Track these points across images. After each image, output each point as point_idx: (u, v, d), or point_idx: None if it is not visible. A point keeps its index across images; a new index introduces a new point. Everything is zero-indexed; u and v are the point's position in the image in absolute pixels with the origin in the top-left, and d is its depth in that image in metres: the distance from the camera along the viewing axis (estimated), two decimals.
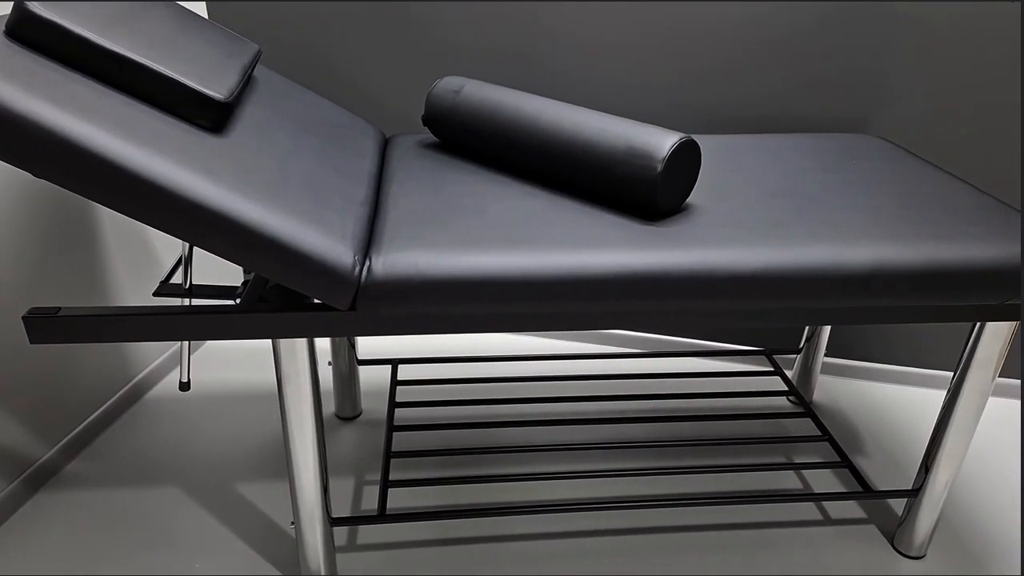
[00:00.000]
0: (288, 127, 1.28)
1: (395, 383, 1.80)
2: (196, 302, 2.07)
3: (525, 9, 1.83)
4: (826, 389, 2.06)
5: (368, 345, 2.19)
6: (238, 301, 1.12)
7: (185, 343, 1.45)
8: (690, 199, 1.31)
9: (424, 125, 1.60)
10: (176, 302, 1.96)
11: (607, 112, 1.86)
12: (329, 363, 2.07)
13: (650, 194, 1.18)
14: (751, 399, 1.99)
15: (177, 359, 2.05)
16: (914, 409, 1.98)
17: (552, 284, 1.09)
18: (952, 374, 2.00)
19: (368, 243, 1.14)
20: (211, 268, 2.17)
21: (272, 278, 1.04)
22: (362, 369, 2.07)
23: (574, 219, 1.21)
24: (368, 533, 1.53)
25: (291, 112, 1.34)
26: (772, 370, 1.93)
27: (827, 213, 1.26)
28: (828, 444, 1.80)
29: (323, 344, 2.15)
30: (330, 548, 1.35)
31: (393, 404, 1.72)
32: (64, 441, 1.67)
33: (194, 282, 2.10)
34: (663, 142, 1.17)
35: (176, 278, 1.88)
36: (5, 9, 1.45)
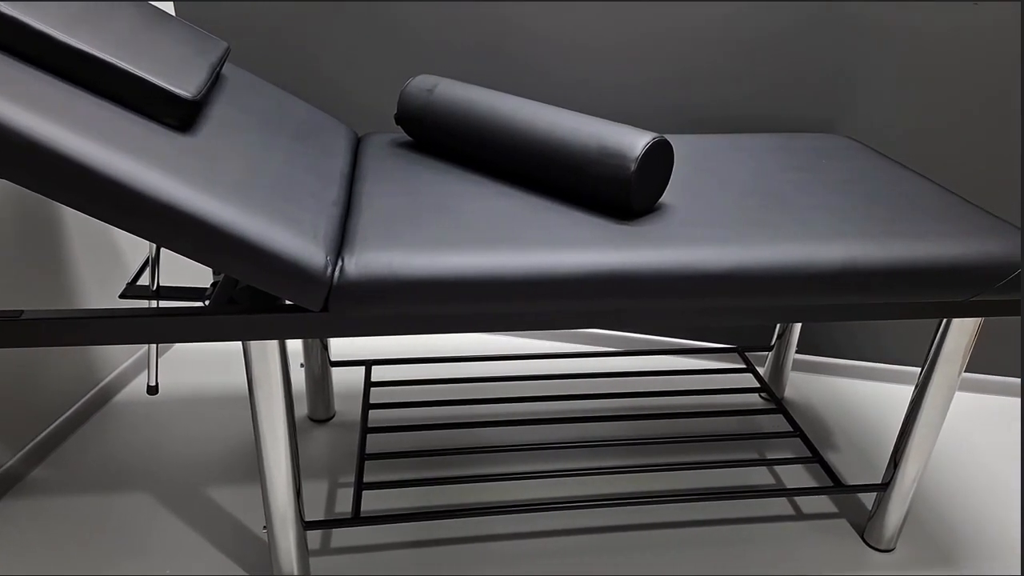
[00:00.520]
0: (258, 126, 1.26)
1: (369, 384, 1.78)
2: (164, 304, 2.04)
3: (498, 7, 1.83)
4: (797, 385, 2.08)
5: (341, 346, 2.17)
6: (207, 303, 1.10)
7: (153, 346, 1.42)
8: (663, 198, 1.32)
9: (397, 124, 1.59)
10: (143, 304, 1.92)
11: (581, 112, 1.86)
12: (301, 365, 2.05)
13: (623, 194, 1.18)
14: (724, 396, 2.00)
15: (145, 362, 2.02)
16: (883, 404, 2.01)
17: (526, 284, 1.09)
18: (920, 369, 2.04)
19: (340, 243, 1.13)
20: (179, 269, 2.14)
21: (242, 279, 1.02)
22: (335, 371, 2.05)
23: (548, 219, 1.21)
24: (342, 536, 1.52)
25: (261, 110, 1.33)
26: (744, 367, 1.95)
27: (798, 212, 1.28)
28: (799, 440, 1.82)
29: (295, 346, 2.13)
30: (303, 552, 1.34)
31: (367, 406, 1.71)
32: (28, 447, 1.63)
33: (162, 284, 2.07)
34: (636, 142, 1.17)
35: (143, 280, 1.85)
36: None
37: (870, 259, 1.17)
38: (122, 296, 1.33)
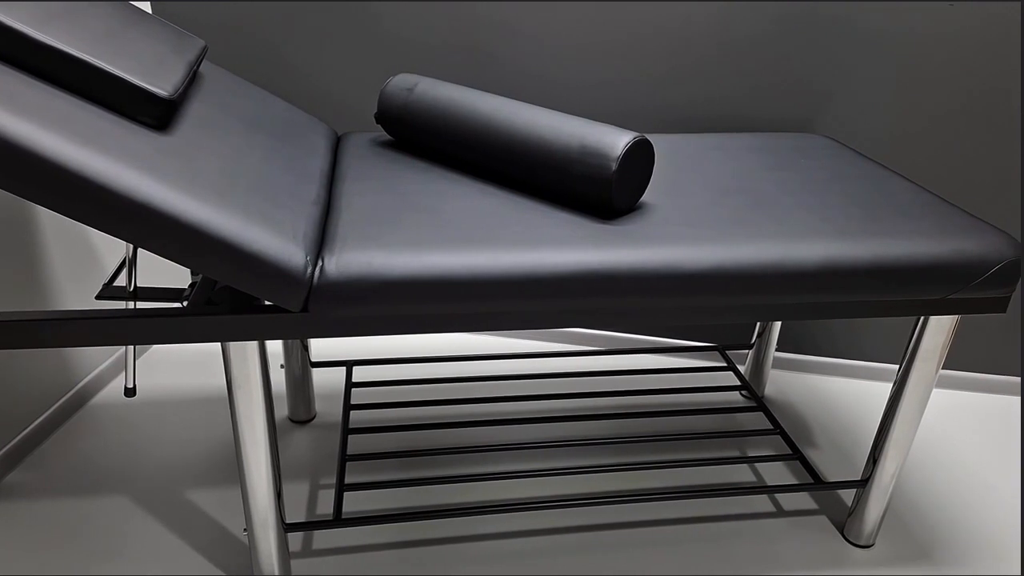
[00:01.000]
0: (236, 125, 1.25)
1: (350, 385, 1.77)
2: (141, 305, 2.02)
3: (479, 6, 1.83)
4: (777, 383, 2.09)
5: (322, 347, 2.16)
6: (185, 304, 1.09)
7: (130, 348, 1.41)
8: (644, 198, 1.32)
9: (377, 123, 1.58)
10: (120, 305, 1.90)
11: (562, 111, 1.86)
12: (281, 366, 2.03)
13: (605, 193, 1.18)
14: (705, 394, 2.01)
15: (122, 364, 2.00)
16: (862, 401, 2.03)
17: (507, 283, 1.09)
18: (898, 367, 2.06)
19: (320, 243, 1.12)
20: (156, 270, 2.11)
21: (220, 280, 1.01)
22: (316, 371, 2.04)
23: (529, 218, 1.20)
24: (324, 538, 1.51)
25: (239, 109, 1.31)
26: (725, 365, 1.96)
27: (777, 211, 1.29)
28: (780, 437, 1.84)
29: (275, 347, 2.12)
30: (284, 554, 1.33)
31: (348, 406, 1.70)
32: (4, 451, 1.60)
33: (139, 284, 2.05)
34: (617, 141, 1.17)
35: (120, 280, 1.83)
36: None
37: (848, 257, 1.18)
38: (98, 297, 1.32)
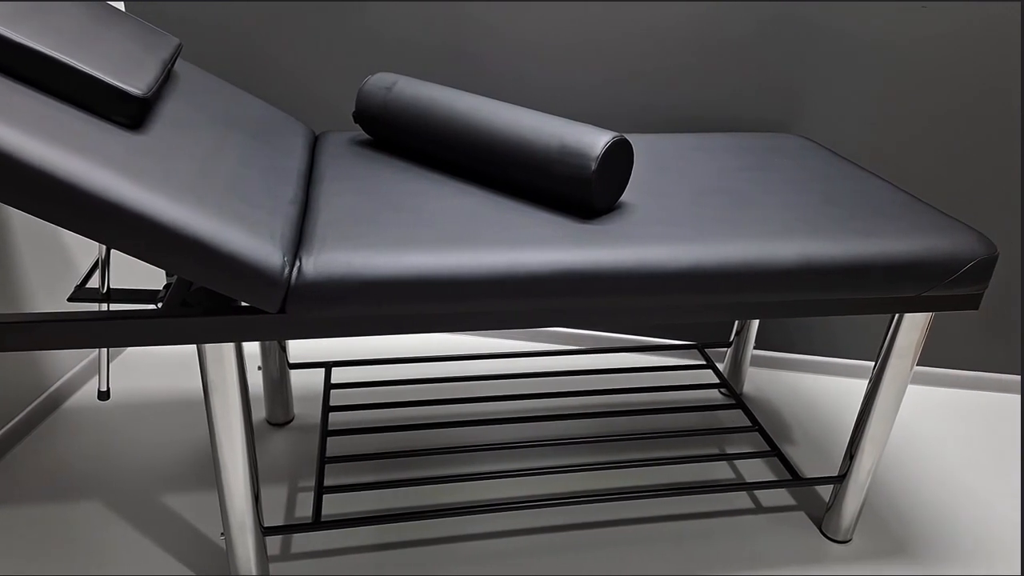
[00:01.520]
0: (211, 124, 1.23)
1: (329, 386, 1.76)
2: (115, 307, 2.00)
3: (458, 5, 1.82)
4: (755, 381, 2.11)
5: (300, 348, 2.14)
6: (160, 305, 1.08)
7: (103, 350, 1.39)
8: (623, 197, 1.32)
9: (355, 122, 1.57)
10: (93, 307, 1.87)
11: (542, 111, 1.86)
12: (259, 367, 2.01)
13: (585, 192, 1.19)
14: (685, 392, 2.02)
15: (95, 367, 1.97)
16: (838, 398, 2.05)
17: (487, 283, 1.08)
18: (873, 364, 2.08)
19: (298, 243, 1.11)
20: (130, 271, 2.08)
21: (196, 281, 1.00)
22: (294, 373, 2.02)
23: (509, 217, 1.20)
24: (303, 541, 1.50)
25: (214, 108, 1.30)
26: (704, 363, 1.97)
27: (755, 210, 1.29)
28: (758, 434, 1.85)
29: (252, 348, 2.10)
30: (262, 558, 1.32)
31: (327, 408, 1.69)
32: None
33: (112, 286, 2.02)
34: (596, 141, 1.17)
35: (93, 282, 1.80)
36: None
37: (824, 256, 1.19)
38: (71, 299, 1.30)
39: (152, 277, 2.16)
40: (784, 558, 1.51)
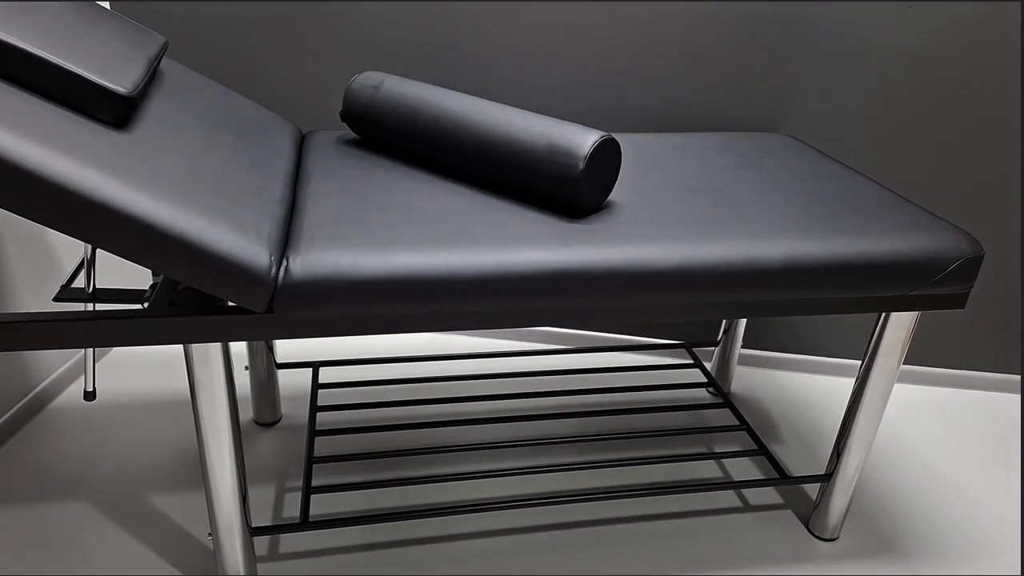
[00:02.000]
0: (198, 123, 1.23)
1: (316, 386, 1.75)
2: (101, 307, 1.98)
3: (447, 5, 1.82)
4: (743, 380, 2.12)
5: (287, 348, 2.13)
6: (146, 305, 1.07)
7: (89, 350, 1.38)
8: (611, 196, 1.32)
9: (342, 121, 1.57)
10: (79, 307, 1.86)
11: (530, 111, 1.86)
12: (246, 367, 2.01)
13: (573, 192, 1.19)
14: (673, 391, 2.03)
15: (81, 367, 1.95)
16: (825, 397, 2.06)
17: (475, 282, 1.08)
18: (860, 363, 2.09)
19: (285, 243, 1.10)
20: (116, 271, 2.07)
21: (183, 280, 0.99)
22: (281, 373, 2.02)
23: (497, 217, 1.20)
24: (291, 541, 1.49)
25: (201, 107, 1.29)
26: (692, 363, 1.97)
27: (742, 209, 1.30)
28: (746, 433, 1.86)
29: (239, 348, 2.09)
30: (250, 558, 1.31)
31: (315, 408, 1.68)
32: None
33: (98, 286, 2.01)
34: (584, 140, 1.17)
35: (79, 282, 1.78)
36: None
37: (811, 255, 1.19)
38: (56, 299, 1.29)
39: (138, 277, 2.15)
40: (771, 556, 1.52)
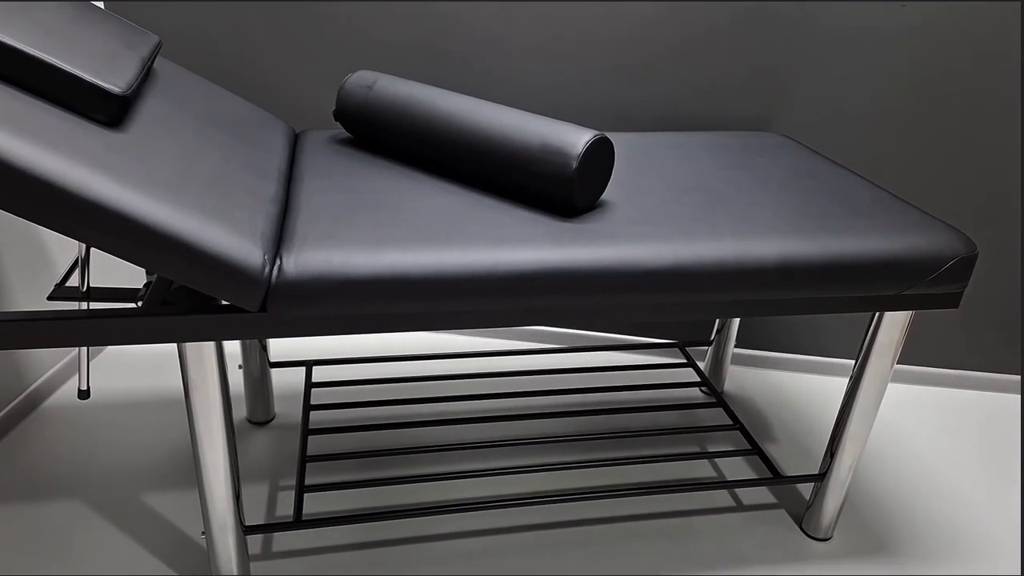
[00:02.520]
0: (191, 122, 1.23)
1: (310, 385, 1.75)
2: (95, 305, 1.98)
3: (439, 4, 1.82)
4: (736, 379, 2.12)
5: (280, 347, 2.13)
6: (140, 304, 1.07)
7: (83, 349, 1.38)
8: (604, 196, 1.33)
9: (336, 120, 1.57)
10: (73, 306, 1.86)
11: (523, 110, 1.86)
12: (240, 366, 2.00)
13: (566, 191, 1.19)
14: (666, 391, 2.03)
15: (75, 366, 1.95)
16: (819, 396, 2.07)
17: (468, 281, 1.09)
18: (854, 362, 2.10)
19: (278, 242, 1.10)
20: (110, 270, 2.07)
21: (176, 279, 0.99)
22: (275, 372, 2.01)
23: (490, 216, 1.20)
24: (284, 540, 1.49)
25: (195, 106, 1.29)
26: (685, 362, 1.98)
27: (735, 208, 1.30)
28: (739, 433, 1.86)
29: (233, 347, 2.08)
30: (244, 557, 1.31)
31: (308, 407, 1.68)
32: None
33: (92, 285, 2.00)
34: (578, 139, 1.18)
35: (72, 281, 1.78)
36: None
37: (805, 254, 1.19)
38: (50, 298, 1.28)
39: (132, 275, 2.15)
40: (765, 556, 1.52)
